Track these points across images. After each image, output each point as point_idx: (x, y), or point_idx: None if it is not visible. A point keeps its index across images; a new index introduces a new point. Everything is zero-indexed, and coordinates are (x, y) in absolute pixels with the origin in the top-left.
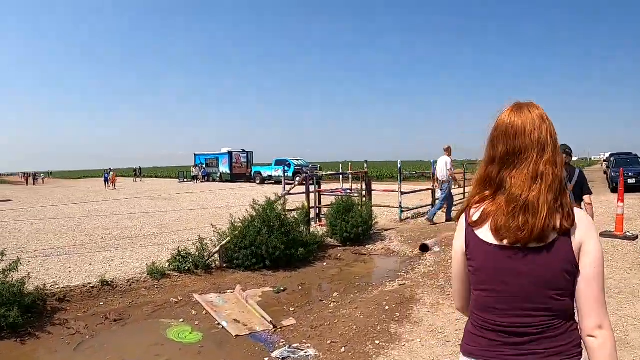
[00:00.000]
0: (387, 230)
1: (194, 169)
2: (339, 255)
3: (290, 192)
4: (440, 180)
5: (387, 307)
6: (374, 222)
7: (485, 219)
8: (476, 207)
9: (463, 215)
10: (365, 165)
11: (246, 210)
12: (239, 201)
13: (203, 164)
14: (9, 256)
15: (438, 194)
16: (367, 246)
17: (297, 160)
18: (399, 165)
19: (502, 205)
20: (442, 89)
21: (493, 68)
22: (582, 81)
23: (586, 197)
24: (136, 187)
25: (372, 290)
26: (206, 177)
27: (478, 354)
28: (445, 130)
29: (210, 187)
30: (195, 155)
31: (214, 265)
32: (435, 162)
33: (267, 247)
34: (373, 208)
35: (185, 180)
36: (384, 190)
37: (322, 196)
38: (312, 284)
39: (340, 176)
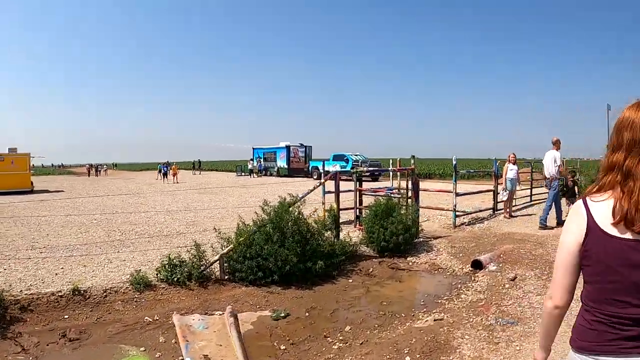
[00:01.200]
0: (436, 238)
1: (250, 163)
2: (370, 270)
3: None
4: (548, 178)
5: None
6: (419, 228)
7: (612, 208)
8: (597, 197)
9: (581, 205)
10: (413, 162)
11: (255, 213)
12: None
13: (261, 157)
14: (18, 252)
15: (500, 196)
16: (408, 258)
17: (356, 155)
18: (453, 162)
19: (635, 195)
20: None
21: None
22: None
23: None
24: (192, 180)
25: (397, 325)
26: (264, 172)
27: (596, 349)
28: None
29: (264, 182)
30: (253, 149)
31: (213, 277)
32: (497, 160)
33: (276, 259)
34: (423, 211)
35: (243, 174)
36: (438, 191)
37: (364, 196)
38: (324, 308)
39: (390, 174)
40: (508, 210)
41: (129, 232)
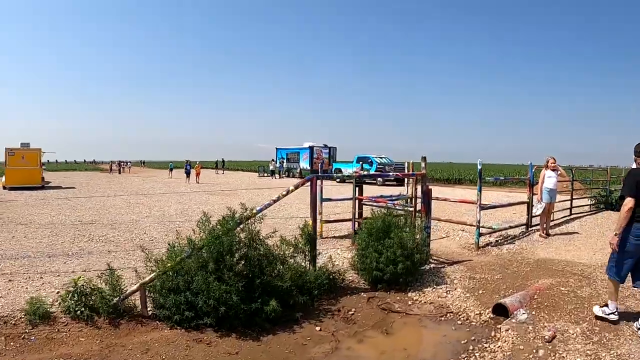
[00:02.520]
0: (451, 264)
1: (271, 164)
2: (352, 311)
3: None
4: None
5: None
6: (429, 251)
7: None
8: None
9: None
10: (423, 165)
11: (192, 231)
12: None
13: (284, 158)
14: None
15: (535, 209)
16: (409, 294)
17: (381, 157)
18: (478, 167)
19: None
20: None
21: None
22: None
23: None
24: (213, 180)
25: None
26: (286, 173)
27: None
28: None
29: (284, 184)
30: (277, 149)
31: (134, 311)
32: (534, 165)
33: (208, 297)
34: (442, 225)
35: (265, 175)
36: (460, 201)
37: (364, 206)
38: None
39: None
40: (544, 227)
41: (98, 240)
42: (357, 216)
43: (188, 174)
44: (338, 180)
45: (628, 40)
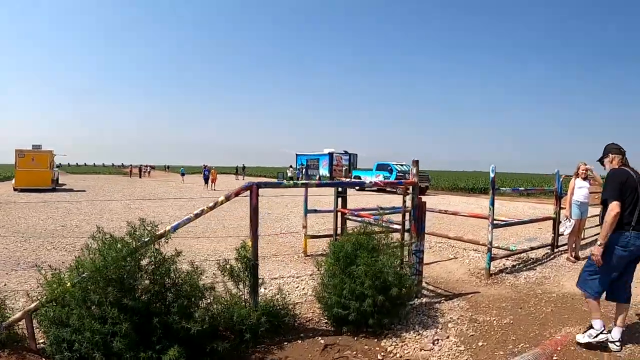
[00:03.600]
0: (451, 297)
1: (289, 170)
2: None
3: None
4: None
5: None
6: (416, 282)
7: None
8: None
9: None
10: (414, 171)
11: (86, 244)
12: (297, 216)
13: (304, 164)
14: None
15: (562, 227)
16: (383, 341)
17: (401, 165)
18: (491, 175)
19: None
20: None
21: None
22: None
23: None
24: (229, 186)
25: None
26: (306, 179)
27: None
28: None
29: (300, 191)
30: (296, 154)
31: (23, 343)
32: (561, 175)
33: (93, 337)
34: (451, 244)
35: (284, 181)
36: (472, 215)
37: (347, 220)
38: None
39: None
40: (573, 249)
41: (64, 249)
42: (340, 231)
43: (207, 179)
44: (357, 188)
45: None
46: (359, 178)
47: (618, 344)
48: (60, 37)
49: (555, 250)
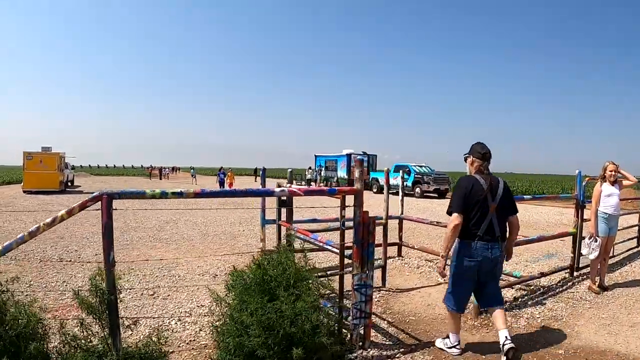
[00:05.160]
0: (413, 350)
1: (308, 171)
2: None
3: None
4: None
5: None
6: (356, 331)
7: None
8: None
9: None
10: (357, 174)
11: None
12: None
13: (322, 166)
14: None
15: (584, 248)
16: None
17: (420, 167)
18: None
19: None
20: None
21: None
22: None
23: (514, 218)
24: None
25: None
26: (325, 181)
27: None
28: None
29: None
30: (315, 156)
31: None
32: (584, 175)
33: None
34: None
35: (302, 183)
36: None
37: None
38: None
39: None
40: (597, 273)
41: None
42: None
43: (222, 183)
44: (375, 190)
45: None
46: (377, 180)
47: (509, 342)
48: (90, 37)
49: (576, 273)
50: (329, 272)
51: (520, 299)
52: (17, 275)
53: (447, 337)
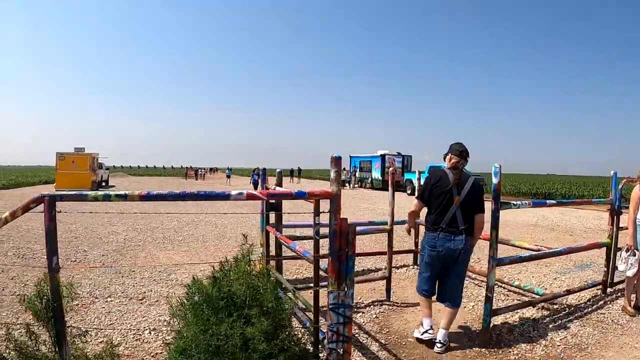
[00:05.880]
0: None
1: (343, 173)
2: None
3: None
4: None
5: None
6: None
7: None
8: None
9: None
10: (334, 173)
11: None
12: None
13: (357, 167)
14: None
15: (620, 263)
16: None
17: None
18: (493, 180)
19: None
20: None
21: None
22: None
23: (478, 217)
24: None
25: None
26: (359, 183)
27: None
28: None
29: (350, 195)
30: (350, 157)
31: None
32: (620, 177)
33: None
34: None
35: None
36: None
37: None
38: None
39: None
40: (633, 293)
41: None
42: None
43: (256, 184)
44: (409, 192)
45: None
46: (411, 181)
47: (440, 345)
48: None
49: (609, 290)
50: (298, 286)
51: (540, 321)
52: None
53: (421, 324)
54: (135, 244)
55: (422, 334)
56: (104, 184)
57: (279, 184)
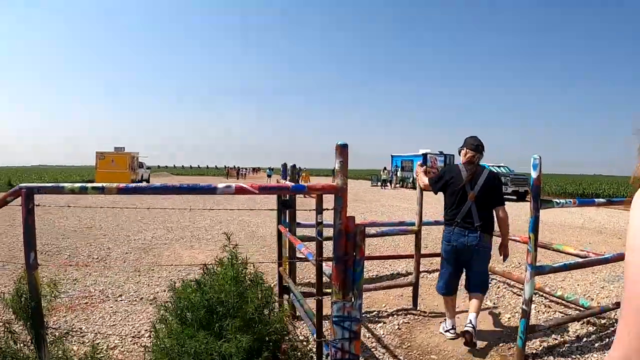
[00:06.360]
0: None
1: (383, 172)
2: None
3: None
4: None
5: None
6: None
7: None
8: None
9: None
10: (340, 162)
11: None
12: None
13: (398, 166)
14: None
15: None
16: None
17: (498, 166)
18: (532, 174)
19: None
20: None
21: None
22: None
23: (499, 211)
24: None
25: None
26: (401, 182)
27: None
28: None
29: (389, 195)
30: (392, 156)
31: None
32: None
33: None
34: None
35: (379, 184)
36: (523, 238)
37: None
38: None
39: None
40: None
41: None
42: (286, 268)
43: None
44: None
45: None
46: None
47: (469, 326)
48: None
49: None
50: (305, 291)
51: (584, 339)
52: None
53: (445, 321)
54: (162, 242)
55: (445, 331)
56: (144, 182)
57: (293, 180)
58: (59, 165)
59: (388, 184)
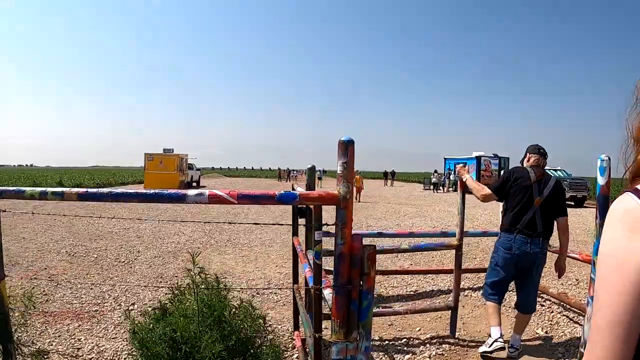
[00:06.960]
0: None
1: (434, 175)
2: None
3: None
4: None
5: None
6: None
7: None
8: None
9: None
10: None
11: None
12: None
13: (451, 169)
14: None
15: None
16: None
17: (555, 170)
18: (599, 179)
19: None
20: None
21: None
22: None
23: (562, 221)
24: (371, 192)
25: None
26: (453, 186)
27: None
28: None
29: (441, 199)
30: (445, 159)
31: None
32: None
33: None
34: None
35: (431, 187)
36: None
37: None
38: None
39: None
40: None
41: None
42: (301, 287)
43: None
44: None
45: None
46: None
47: (512, 349)
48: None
49: None
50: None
51: None
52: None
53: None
54: (195, 245)
55: (490, 346)
56: (194, 184)
57: (310, 184)
58: (115, 166)
59: (440, 187)
